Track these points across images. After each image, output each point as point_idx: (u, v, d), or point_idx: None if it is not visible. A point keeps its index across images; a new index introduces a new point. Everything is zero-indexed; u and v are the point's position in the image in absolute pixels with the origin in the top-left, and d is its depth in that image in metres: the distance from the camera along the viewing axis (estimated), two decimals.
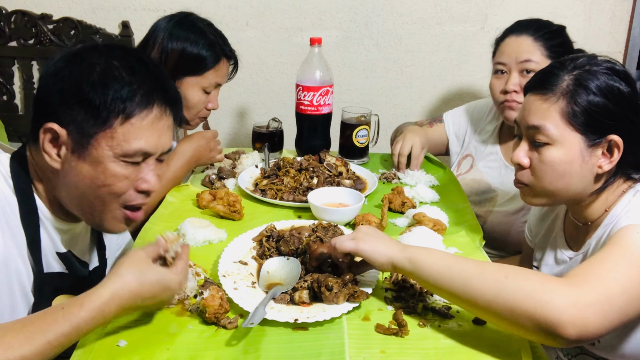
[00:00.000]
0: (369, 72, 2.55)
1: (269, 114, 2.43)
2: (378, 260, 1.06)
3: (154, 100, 1.06)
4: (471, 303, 0.98)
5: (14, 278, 1.05)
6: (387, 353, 0.98)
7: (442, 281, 1.00)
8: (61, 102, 1.03)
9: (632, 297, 0.96)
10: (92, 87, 1.01)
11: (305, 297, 1.09)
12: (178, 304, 1.09)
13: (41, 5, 2.53)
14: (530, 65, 1.68)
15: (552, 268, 1.35)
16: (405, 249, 1.06)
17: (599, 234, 1.19)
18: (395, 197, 1.54)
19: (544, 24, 1.73)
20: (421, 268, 1.03)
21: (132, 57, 1.09)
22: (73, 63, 1.04)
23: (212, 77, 1.68)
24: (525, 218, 1.75)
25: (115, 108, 1.02)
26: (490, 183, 1.84)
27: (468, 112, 2.01)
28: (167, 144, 1.11)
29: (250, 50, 2.52)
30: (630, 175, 1.18)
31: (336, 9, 2.45)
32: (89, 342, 0.98)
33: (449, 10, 2.44)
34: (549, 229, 1.41)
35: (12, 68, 2.61)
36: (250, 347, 0.98)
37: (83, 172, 1.04)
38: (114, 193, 1.06)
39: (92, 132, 1.02)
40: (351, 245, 1.08)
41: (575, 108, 1.13)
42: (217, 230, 1.37)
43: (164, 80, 1.11)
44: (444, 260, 1.03)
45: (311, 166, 1.70)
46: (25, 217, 1.07)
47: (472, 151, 1.94)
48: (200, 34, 1.66)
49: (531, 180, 1.21)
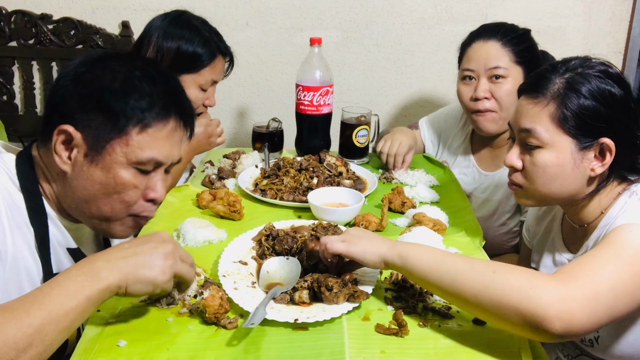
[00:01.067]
0: (369, 72, 2.55)
1: (269, 114, 2.43)
2: (370, 260, 1.07)
3: (171, 113, 1.08)
4: (459, 298, 0.99)
5: (23, 275, 1.05)
6: (387, 353, 0.98)
7: (431, 276, 1.01)
8: (79, 105, 1.04)
9: (620, 294, 0.96)
10: (113, 94, 1.03)
11: (305, 297, 1.09)
12: (178, 306, 1.09)
13: (41, 5, 2.53)
14: (499, 71, 1.67)
15: (550, 270, 1.35)
16: (395, 245, 1.07)
17: (595, 236, 1.20)
18: (395, 197, 1.54)
19: (510, 28, 1.71)
20: (411, 263, 1.03)
21: (153, 68, 1.11)
22: (95, 68, 1.06)
23: (208, 74, 1.69)
24: (499, 222, 1.79)
25: (134, 117, 1.04)
26: (465, 189, 1.84)
27: (441, 119, 2.02)
28: (177, 155, 1.14)
29: (250, 50, 2.52)
30: (625, 177, 1.18)
31: (336, 9, 2.45)
32: (89, 342, 0.98)
33: (449, 10, 2.44)
34: (547, 230, 1.41)
35: (12, 68, 2.62)
36: (250, 347, 0.98)
37: (94, 176, 1.05)
38: (124, 202, 1.08)
39: (108, 138, 1.03)
40: (341, 248, 1.08)
41: (565, 112, 1.13)
42: (217, 230, 1.37)
43: (181, 94, 1.14)
44: (433, 256, 1.03)
45: (311, 166, 1.70)
46: (33, 216, 1.07)
47: (446, 157, 1.96)
48: (195, 31, 1.67)
49: (524, 183, 1.22)
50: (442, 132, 2.00)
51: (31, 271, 1.07)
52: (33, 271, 1.07)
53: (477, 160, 1.87)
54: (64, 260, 1.15)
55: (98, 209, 1.08)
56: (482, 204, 1.82)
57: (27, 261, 1.05)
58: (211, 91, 1.75)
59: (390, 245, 1.07)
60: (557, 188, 1.18)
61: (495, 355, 0.98)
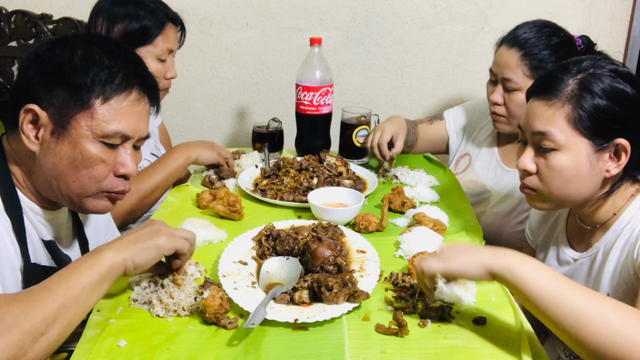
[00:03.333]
0: (369, 72, 2.55)
1: (269, 114, 2.42)
2: (474, 273, 0.98)
3: (132, 84, 1.10)
4: (578, 344, 0.91)
5: (4, 262, 1.05)
6: (387, 353, 0.98)
7: (548, 309, 0.92)
8: (42, 84, 1.06)
9: None
10: (73, 69, 1.05)
11: (305, 297, 1.09)
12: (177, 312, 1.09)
13: (41, 5, 2.53)
14: (511, 84, 1.65)
15: (555, 268, 1.35)
16: (503, 255, 0.97)
17: (608, 239, 1.19)
18: (395, 197, 1.54)
19: (534, 40, 1.62)
20: (523, 284, 0.93)
21: (112, 43, 1.14)
22: (55, 47, 1.08)
23: (162, 44, 1.70)
24: (517, 219, 1.76)
25: (95, 89, 1.06)
26: (485, 183, 1.84)
27: (469, 110, 2.01)
28: (144, 129, 1.15)
29: (250, 50, 2.52)
30: (637, 178, 1.18)
31: (336, 9, 2.45)
32: (89, 342, 0.98)
33: (449, 10, 2.44)
34: (551, 229, 1.41)
35: (12, 68, 2.61)
36: (250, 347, 0.98)
37: (62, 153, 1.06)
38: (93, 177, 1.09)
39: (72, 113, 1.05)
40: (440, 266, 1.01)
41: (581, 113, 1.12)
42: (217, 230, 1.37)
43: (142, 66, 1.16)
44: (552, 283, 0.93)
45: (311, 166, 1.70)
46: (8, 207, 1.08)
47: (470, 150, 1.94)
48: (138, 5, 1.68)
49: (539, 186, 1.20)
50: (469, 124, 1.98)
51: (11, 258, 1.07)
52: (13, 258, 1.07)
53: (500, 155, 1.85)
54: (41, 252, 1.15)
55: (67, 186, 1.09)
56: (501, 200, 1.79)
57: (7, 249, 1.06)
58: (170, 62, 1.76)
59: (494, 254, 0.98)
60: (573, 190, 1.17)
61: (495, 355, 0.98)
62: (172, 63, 1.76)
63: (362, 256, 1.25)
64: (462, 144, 1.99)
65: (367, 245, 1.29)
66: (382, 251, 1.29)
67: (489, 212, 1.80)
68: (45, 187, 1.11)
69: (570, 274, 1.30)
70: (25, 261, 1.09)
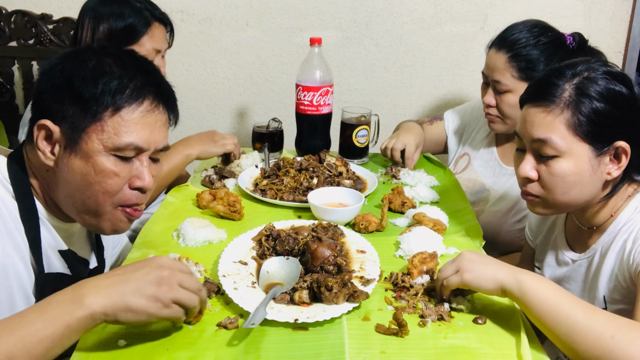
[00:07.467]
0: (369, 72, 2.55)
1: (269, 114, 2.43)
2: (486, 286, 1.03)
3: (144, 94, 1.06)
4: (572, 354, 0.96)
5: (13, 282, 1.05)
6: (387, 353, 0.98)
7: (547, 321, 0.97)
8: (54, 98, 1.04)
9: None
10: (82, 81, 1.02)
11: (305, 297, 1.09)
12: None
13: (41, 5, 2.53)
14: (501, 86, 1.67)
15: (554, 269, 1.35)
16: (516, 272, 1.02)
17: (605, 240, 1.20)
18: (395, 197, 1.54)
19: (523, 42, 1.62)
20: (528, 298, 0.99)
21: (125, 54, 1.10)
22: (66, 60, 1.06)
23: (148, 44, 1.68)
24: (516, 218, 1.76)
25: (104, 101, 1.02)
26: (484, 182, 1.84)
27: (467, 111, 2.01)
28: (160, 141, 1.09)
29: (250, 50, 2.52)
30: (634, 178, 1.18)
31: (336, 9, 2.45)
32: (89, 343, 0.98)
33: (449, 10, 2.44)
34: (550, 229, 1.41)
35: (12, 68, 2.61)
36: (250, 347, 0.98)
37: (75, 168, 1.03)
38: (106, 192, 1.05)
39: (83, 126, 1.02)
40: (457, 280, 1.05)
41: (580, 118, 1.11)
42: (217, 230, 1.37)
43: (157, 76, 1.11)
44: (552, 298, 0.98)
45: (311, 166, 1.70)
46: (25, 217, 1.07)
47: (469, 150, 1.95)
48: (123, 4, 1.66)
49: (542, 193, 1.19)
50: (467, 125, 1.99)
51: (21, 276, 1.06)
52: (23, 276, 1.06)
53: (499, 153, 1.86)
54: (56, 262, 1.14)
55: (83, 202, 1.06)
56: (500, 198, 1.80)
57: (17, 266, 1.05)
58: (159, 63, 1.73)
59: (508, 271, 1.02)
60: (576, 195, 1.16)
61: (495, 356, 0.98)
62: (161, 64, 1.73)
63: (362, 256, 1.25)
64: (461, 144, 1.99)
65: (367, 245, 1.29)
66: (382, 251, 1.29)
67: (487, 210, 1.81)
68: (64, 204, 1.09)
69: (569, 275, 1.30)
70: (39, 272, 1.09)
